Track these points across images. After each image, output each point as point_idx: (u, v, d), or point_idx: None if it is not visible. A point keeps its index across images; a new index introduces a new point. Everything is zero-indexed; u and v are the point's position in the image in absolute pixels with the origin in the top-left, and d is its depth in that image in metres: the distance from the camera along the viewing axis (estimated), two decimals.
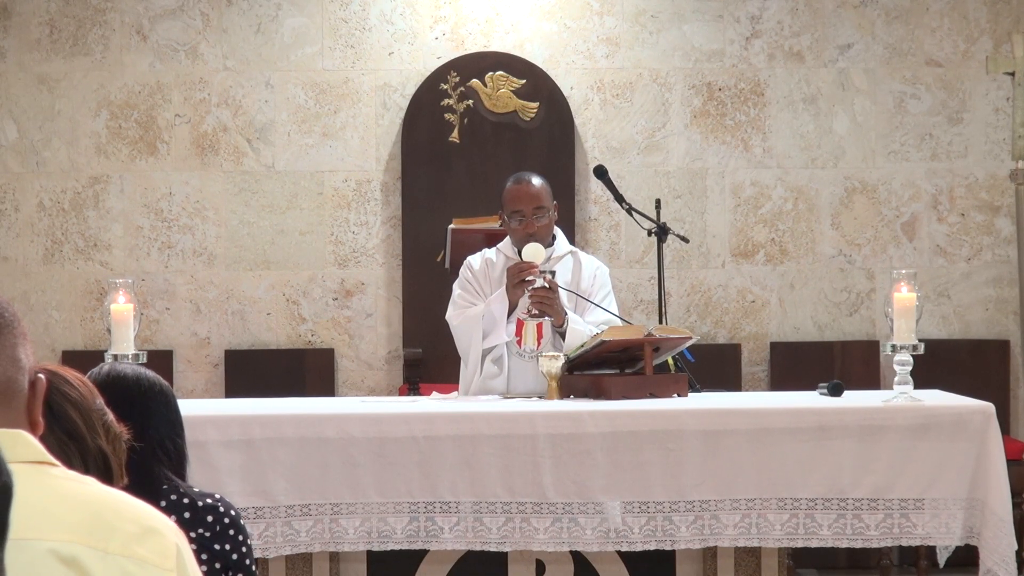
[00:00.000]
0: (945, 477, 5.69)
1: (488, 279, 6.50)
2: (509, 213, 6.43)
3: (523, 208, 6.39)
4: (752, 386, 8.72)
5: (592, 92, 8.80)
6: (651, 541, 5.64)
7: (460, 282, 6.55)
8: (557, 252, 6.51)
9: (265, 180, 8.78)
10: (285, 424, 5.66)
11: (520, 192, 6.42)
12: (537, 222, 6.39)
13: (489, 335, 6.36)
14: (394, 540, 5.63)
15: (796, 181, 8.82)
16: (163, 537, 2.08)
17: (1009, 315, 8.77)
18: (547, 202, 6.43)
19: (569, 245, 6.62)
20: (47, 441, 2.67)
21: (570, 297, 6.42)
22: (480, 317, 6.36)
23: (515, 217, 6.41)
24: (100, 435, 2.74)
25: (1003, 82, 8.58)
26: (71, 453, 2.70)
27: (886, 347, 5.89)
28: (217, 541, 3.73)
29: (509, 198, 6.44)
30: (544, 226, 6.42)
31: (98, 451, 2.72)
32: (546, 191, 6.45)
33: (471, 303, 6.45)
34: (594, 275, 6.49)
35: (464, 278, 6.53)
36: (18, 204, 8.72)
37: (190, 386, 8.64)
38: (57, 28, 8.71)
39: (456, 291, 6.53)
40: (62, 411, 2.73)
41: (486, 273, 6.51)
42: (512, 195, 6.43)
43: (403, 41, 8.77)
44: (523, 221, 6.38)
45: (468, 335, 6.42)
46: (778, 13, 8.78)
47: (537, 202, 6.40)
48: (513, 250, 6.50)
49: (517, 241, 6.46)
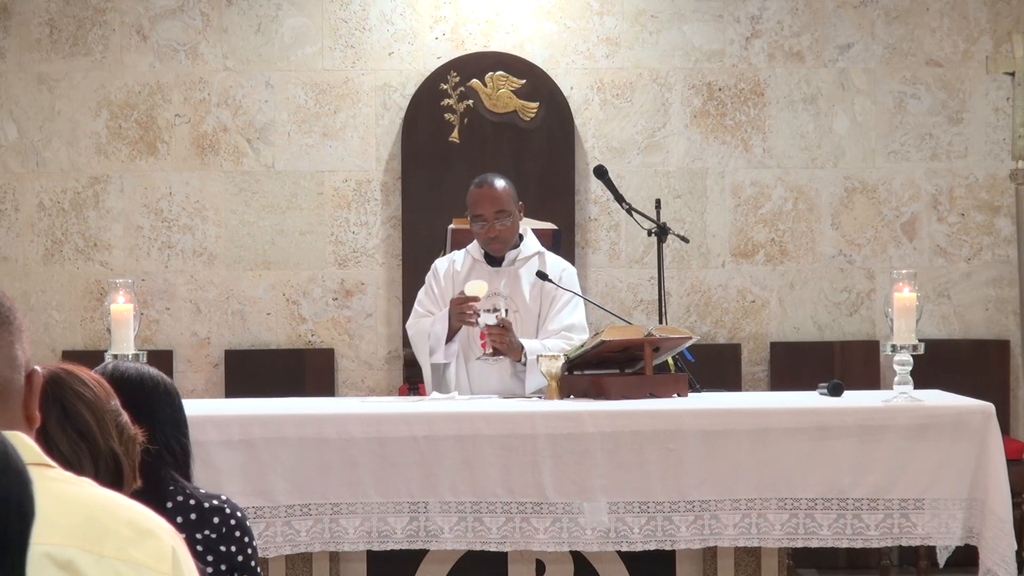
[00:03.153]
0: (945, 477, 5.69)
1: (452, 278, 6.52)
2: (472, 217, 6.45)
3: (484, 212, 6.40)
4: (752, 386, 8.71)
5: (592, 92, 8.80)
6: (651, 541, 5.64)
7: (424, 287, 6.60)
8: (524, 253, 6.52)
9: (265, 180, 8.78)
10: (285, 424, 5.66)
11: (482, 196, 6.43)
12: (499, 225, 6.40)
13: (434, 352, 6.40)
14: (394, 540, 5.63)
15: (796, 181, 8.82)
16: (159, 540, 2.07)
17: (1009, 315, 8.77)
18: (509, 205, 6.43)
19: (538, 245, 6.61)
20: (60, 440, 2.67)
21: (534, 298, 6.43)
22: (427, 335, 6.40)
23: (477, 221, 6.42)
24: (113, 437, 2.73)
25: (1003, 82, 8.58)
26: (82, 453, 2.69)
27: (886, 347, 5.89)
28: (223, 542, 3.73)
29: (471, 202, 6.45)
30: (507, 228, 6.43)
31: (109, 453, 2.71)
32: (508, 194, 6.44)
33: (428, 311, 6.49)
34: (559, 277, 6.48)
35: (428, 283, 6.58)
36: (18, 204, 8.72)
37: (190, 386, 8.64)
38: (57, 28, 8.71)
39: (419, 296, 6.60)
40: (75, 411, 2.73)
41: (450, 272, 6.53)
42: (474, 199, 6.44)
43: (403, 41, 8.77)
44: (485, 225, 6.40)
45: (417, 348, 6.50)
46: (778, 13, 8.78)
47: (499, 205, 6.40)
48: (480, 251, 6.51)
49: (482, 244, 6.48)
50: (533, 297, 6.46)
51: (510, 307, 6.43)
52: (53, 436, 2.66)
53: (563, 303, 6.46)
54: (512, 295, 6.45)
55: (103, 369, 3.72)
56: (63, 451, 2.66)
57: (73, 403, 2.73)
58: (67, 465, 2.60)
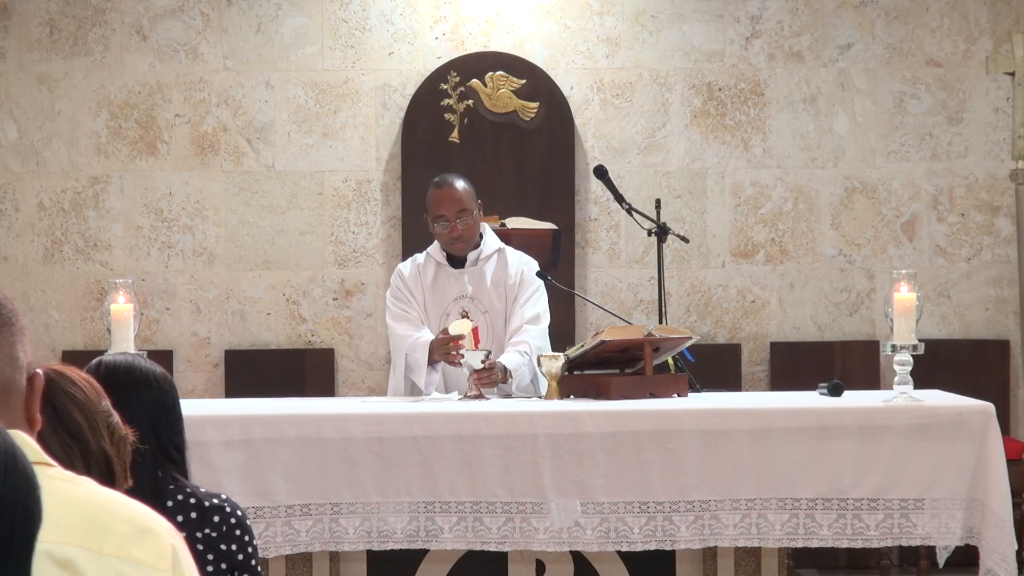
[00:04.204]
0: (945, 477, 5.69)
1: (419, 284, 6.50)
2: (433, 218, 6.43)
3: (446, 212, 6.40)
4: (752, 386, 8.71)
5: (592, 92, 8.79)
6: (651, 541, 5.64)
7: (392, 291, 6.57)
8: (485, 252, 6.51)
9: (265, 180, 8.78)
10: (285, 424, 5.66)
11: (442, 196, 6.42)
12: (461, 224, 6.39)
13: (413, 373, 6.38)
14: (394, 540, 5.63)
15: (796, 181, 8.82)
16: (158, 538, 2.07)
17: (1009, 315, 8.77)
18: (470, 204, 6.43)
19: (498, 242, 6.61)
20: (51, 440, 2.67)
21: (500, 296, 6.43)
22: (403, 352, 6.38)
23: (439, 221, 6.41)
24: (104, 437, 2.73)
25: (1003, 82, 8.58)
26: (73, 454, 2.70)
27: (886, 347, 5.89)
28: (223, 541, 3.73)
29: (432, 202, 6.44)
30: (469, 227, 6.42)
31: (100, 453, 2.71)
32: (468, 193, 6.44)
33: (404, 311, 6.46)
34: (520, 272, 6.48)
35: (395, 287, 6.55)
36: (18, 204, 8.72)
37: (190, 386, 8.64)
38: (57, 28, 8.71)
39: (388, 300, 6.56)
40: (66, 412, 2.73)
41: (417, 279, 6.51)
42: (435, 199, 6.43)
43: (403, 41, 8.77)
44: (448, 225, 6.39)
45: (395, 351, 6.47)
46: (778, 13, 8.78)
47: (460, 205, 6.40)
48: (441, 254, 6.50)
49: (444, 245, 6.47)
50: (499, 295, 6.47)
51: (479, 308, 6.44)
52: (44, 437, 2.66)
53: (527, 295, 6.46)
54: (479, 295, 6.46)
55: (95, 366, 3.69)
56: (54, 452, 2.66)
57: (64, 404, 2.73)
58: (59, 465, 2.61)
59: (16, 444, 1.82)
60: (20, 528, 1.78)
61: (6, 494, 1.77)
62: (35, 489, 1.81)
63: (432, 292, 6.48)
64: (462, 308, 6.41)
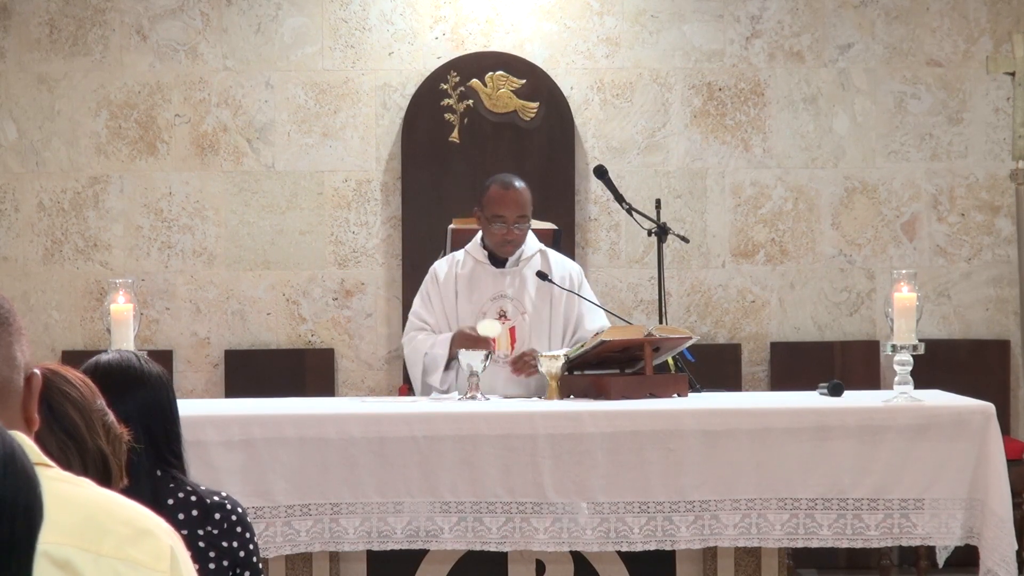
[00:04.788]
0: (945, 477, 5.69)
1: (456, 286, 6.45)
2: (490, 216, 6.36)
3: (507, 214, 6.35)
4: (752, 386, 8.71)
5: (592, 92, 8.79)
6: (651, 541, 5.64)
7: (421, 294, 6.49)
8: (527, 253, 6.47)
9: (265, 180, 8.78)
10: (285, 424, 5.66)
11: (507, 198, 6.36)
12: (517, 229, 6.36)
13: (429, 374, 6.33)
14: (394, 540, 5.62)
15: (796, 181, 8.82)
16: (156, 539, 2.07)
17: (1009, 315, 8.77)
18: (529, 210, 6.40)
19: (539, 244, 6.56)
20: (48, 440, 2.67)
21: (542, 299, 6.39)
22: (422, 354, 6.33)
23: (496, 221, 6.35)
24: (100, 435, 2.74)
25: (1003, 82, 8.58)
26: (70, 453, 2.70)
27: (886, 347, 5.89)
28: (225, 539, 3.73)
29: (493, 200, 6.36)
30: (523, 233, 6.40)
31: (97, 451, 2.72)
32: (530, 199, 6.41)
33: (424, 322, 6.41)
34: (565, 277, 6.46)
35: (425, 290, 6.48)
36: (18, 204, 8.72)
37: (190, 386, 8.64)
38: (57, 28, 8.71)
39: (414, 305, 6.49)
40: (62, 410, 2.73)
41: (453, 280, 6.46)
42: (498, 198, 6.36)
43: (403, 41, 8.77)
44: (504, 227, 6.34)
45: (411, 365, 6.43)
46: (778, 13, 8.78)
47: (521, 210, 6.36)
48: (482, 253, 6.46)
49: (494, 245, 6.41)
50: (541, 298, 6.43)
51: (517, 308, 6.41)
52: (41, 436, 2.66)
53: (586, 309, 6.43)
54: (518, 296, 6.42)
55: (91, 366, 3.68)
56: (51, 451, 2.67)
57: (60, 403, 2.73)
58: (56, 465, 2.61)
59: (17, 444, 1.82)
60: (21, 528, 1.78)
61: (7, 494, 1.77)
62: (36, 489, 1.81)
63: (468, 290, 6.42)
64: (500, 308, 6.38)
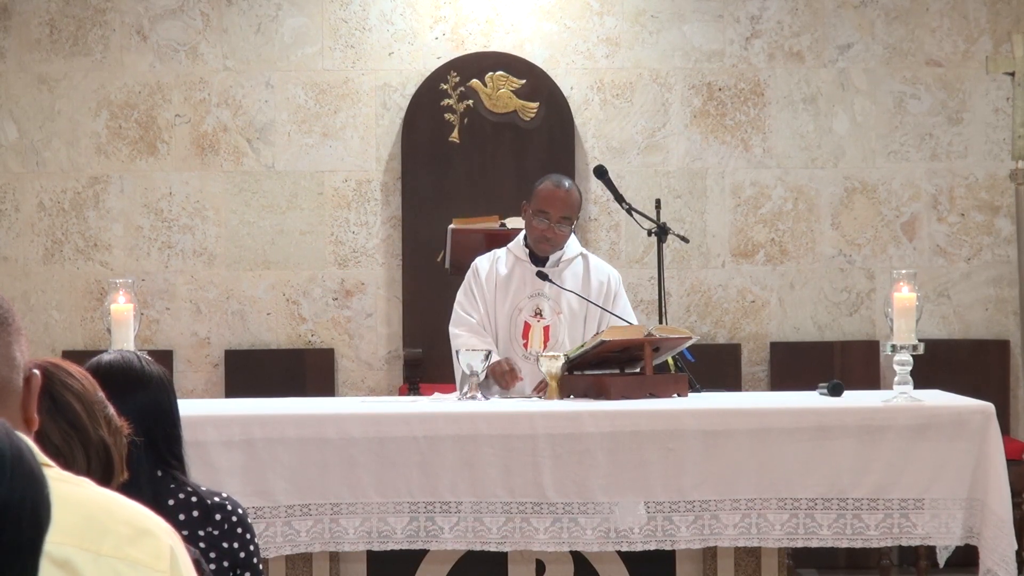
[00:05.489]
0: (945, 477, 5.69)
1: (495, 284, 6.49)
2: (535, 210, 6.43)
3: (551, 211, 6.40)
4: (752, 386, 8.71)
5: (592, 92, 8.79)
6: (651, 541, 5.64)
7: (464, 287, 6.55)
8: (567, 255, 6.51)
9: (265, 180, 8.78)
10: (285, 424, 5.66)
11: (555, 196, 6.41)
12: (559, 229, 6.40)
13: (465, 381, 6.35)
14: (394, 540, 5.62)
15: (796, 181, 8.82)
16: (156, 539, 2.07)
17: (1009, 315, 8.77)
18: (574, 213, 6.46)
19: (580, 248, 6.62)
20: (52, 430, 2.68)
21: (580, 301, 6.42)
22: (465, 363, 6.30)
23: (540, 216, 6.41)
24: (102, 426, 2.75)
25: (1003, 82, 8.58)
26: (74, 443, 2.71)
27: (886, 347, 5.88)
28: (225, 539, 3.73)
29: (542, 196, 6.43)
30: (563, 235, 6.45)
31: (100, 442, 2.73)
32: (578, 204, 6.50)
33: (469, 315, 6.45)
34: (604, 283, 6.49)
35: (468, 283, 6.54)
36: (18, 204, 8.72)
37: (190, 386, 8.64)
38: (57, 28, 8.71)
39: (459, 296, 6.55)
40: (65, 401, 2.74)
41: (494, 278, 6.51)
42: (546, 195, 6.42)
43: (403, 41, 8.77)
44: (546, 224, 6.39)
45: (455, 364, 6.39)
46: (778, 13, 8.78)
47: (567, 212, 6.42)
48: (524, 251, 6.50)
49: (533, 239, 6.46)
50: (578, 300, 6.45)
51: (553, 308, 6.43)
52: (44, 427, 2.67)
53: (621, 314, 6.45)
54: (555, 296, 6.45)
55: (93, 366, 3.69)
56: (55, 442, 2.68)
57: (62, 394, 2.75)
58: (59, 456, 2.61)
59: (25, 445, 1.81)
60: (28, 530, 1.77)
61: (15, 495, 1.77)
62: (44, 491, 1.80)
63: (506, 286, 6.47)
64: (536, 305, 6.41)
